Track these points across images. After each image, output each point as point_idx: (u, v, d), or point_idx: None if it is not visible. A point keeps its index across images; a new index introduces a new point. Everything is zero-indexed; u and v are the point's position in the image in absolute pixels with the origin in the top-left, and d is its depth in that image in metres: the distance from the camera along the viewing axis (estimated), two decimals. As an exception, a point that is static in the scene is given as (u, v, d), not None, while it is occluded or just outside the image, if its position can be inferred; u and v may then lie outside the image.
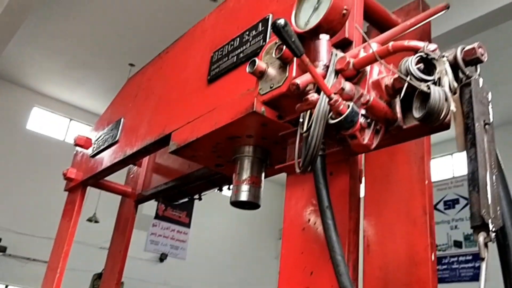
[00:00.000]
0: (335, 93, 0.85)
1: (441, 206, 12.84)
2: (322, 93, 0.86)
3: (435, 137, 1.21)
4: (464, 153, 0.76)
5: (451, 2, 1.35)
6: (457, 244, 12.49)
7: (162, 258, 14.60)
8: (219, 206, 16.79)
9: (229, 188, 2.15)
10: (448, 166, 13.67)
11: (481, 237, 0.63)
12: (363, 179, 1.20)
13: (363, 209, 1.17)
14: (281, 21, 0.84)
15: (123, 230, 2.60)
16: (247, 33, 1.48)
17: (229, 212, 16.70)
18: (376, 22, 1.38)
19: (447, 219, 12.76)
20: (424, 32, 1.35)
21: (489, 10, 6.60)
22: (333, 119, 0.86)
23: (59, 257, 2.29)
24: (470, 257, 12.10)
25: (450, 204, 12.91)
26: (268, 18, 1.40)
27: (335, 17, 0.99)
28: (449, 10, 1.32)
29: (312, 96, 0.91)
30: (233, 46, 1.53)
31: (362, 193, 1.14)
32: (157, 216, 14.62)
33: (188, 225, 15.37)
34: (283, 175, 1.25)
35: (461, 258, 12.27)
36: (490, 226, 0.63)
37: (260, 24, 1.44)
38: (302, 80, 0.93)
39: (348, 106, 0.83)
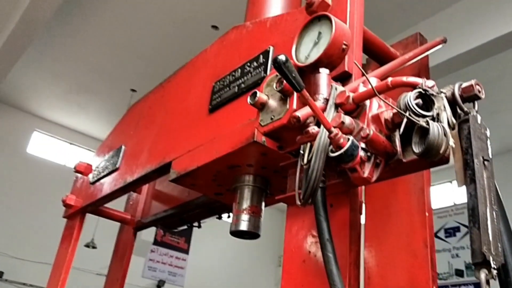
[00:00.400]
0: (335, 127, 0.86)
1: (441, 234, 12.72)
2: (322, 126, 0.88)
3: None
4: (464, 187, 0.77)
5: (449, 31, 1.38)
6: (459, 273, 12.32)
7: (160, 285, 14.38)
8: (218, 232, 16.66)
9: (228, 216, 2.15)
10: (448, 193, 13.63)
11: (483, 274, 0.63)
12: (363, 211, 1.20)
13: (363, 240, 1.17)
14: (282, 57, 0.86)
15: (121, 257, 2.58)
16: (248, 64, 1.51)
17: (228, 238, 16.50)
18: (375, 55, 1.41)
19: (448, 247, 12.62)
20: (422, 65, 1.38)
21: (486, 40, 6.71)
22: (333, 152, 0.87)
23: (57, 284, 2.26)
24: (471, 287, 11.91)
25: (451, 232, 12.80)
26: (269, 50, 1.43)
27: (335, 52, 1.02)
28: (447, 40, 1.35)
29: (313, 129, 0.92)
30: (235, 77, 1.55)
31: (362, 225, 1.14)
32: (155, 242, 14.47)
33: (186, 251, 15.20)
34: (284, 201, 1.25)
35: (462, 287, 12.08)
36: (492, 263, 0.63)
37: (261, 56, 1.47)
38: (303, 113, 0.94)
39: (348, 139, 0.84)
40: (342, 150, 0.84)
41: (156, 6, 8.73)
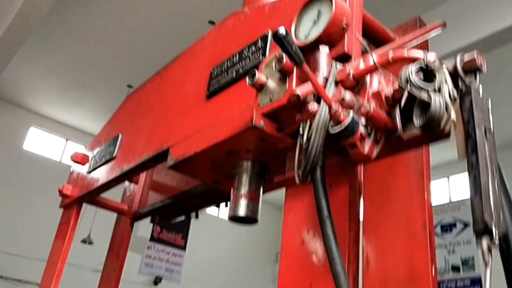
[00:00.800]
0: (335, 102, 0.85)
1: (438, 230, 12.78)
2: (322, 102, 0.87)
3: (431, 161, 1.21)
4: (462, 176, 0.76)
5: (448, 26, 1.38)
6: (455, 268, 12.37)
7: (157, 281, 14.38)
8: (215, 229, 16.76)
9: (226, 205, 2.14)
10: (444, 190, 13.68)
11: (485, 242, 0.62)
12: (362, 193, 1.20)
13: (362, 224, 1.16)
14: (283, 30, 0.85)
15: (118, 249, 2.56)
16: (247, 49, 1.50)
17: (225, 236, 16.58)
18: (374, 38, 1.40)
19: (444, 243, 12.67)
20: (421, 49, 1.37)
21: (485, 35, 6.73)
22: (333, 129, 0.86)
23: (52, 276, 2.25)
24: (468, 282, 11.97)
25: (447, 228, 12.85)
26: (268, 35, 1.42)
27: (334, 30, 1.01)
28: (445, 35, 1.34)
29: (313, 105, 0.91)
30: (233, 62, 1.54)
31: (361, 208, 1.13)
32: (152, 238, 14.46)
33: (183, 248, 15.19)
34: (281, 197, 1.23)
35: (459, 283, 12.13)
36: (494, 231, 0.62)
37: (259, 40, 1.46)
38: (302, 90, 0.93)
39: (349, 114, 0.84)
40: (342, 125, 0.83)
41: (152, 2, 8.69)
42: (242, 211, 1.46)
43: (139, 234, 13.68)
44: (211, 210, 17.74)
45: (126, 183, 2.69)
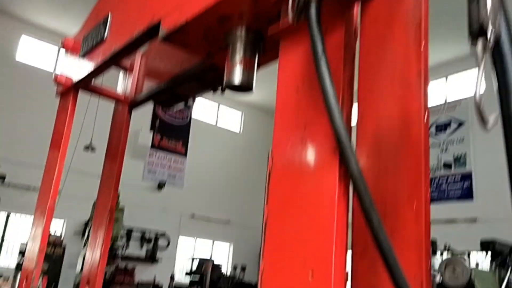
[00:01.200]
0: None
1: (432, 129, 13.00)
2: None
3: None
4: (460, 76, 0.73)
5: None
6: (447, 165, 12.79)
7: (160, 186, 14.95)
8: (214, 137, 17.02)
9: (222, 90, 2.13)
10: (441, 90, 13.67)
11: (480, 43, 0.61)
12: (357, 62, 1.17)
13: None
14: None
15: (117, 138, 2.55)
16: None
17: (224, 143, 16.90)
18: None
19: (438, 142, 12.95)
20: None
21: None
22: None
23: (56, 161, 2.30)
24: (459, 178, 12.45)
25: (442, 127, 13.05)
26: None
27: None
28: None
29: None
30: None
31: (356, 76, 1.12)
32: (153, 146, 14.77)
33: (184, 155, 15.58)
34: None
35: (450, 179, 12.62)
36: (489, 31, 0.61)
37: None
38: None
39: None
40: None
41: None
42: (237, 79, 1.45)
43: (140, 142, 13.96)
44: (209, 119, 17.79)
45: (121, 73, 2.66)
